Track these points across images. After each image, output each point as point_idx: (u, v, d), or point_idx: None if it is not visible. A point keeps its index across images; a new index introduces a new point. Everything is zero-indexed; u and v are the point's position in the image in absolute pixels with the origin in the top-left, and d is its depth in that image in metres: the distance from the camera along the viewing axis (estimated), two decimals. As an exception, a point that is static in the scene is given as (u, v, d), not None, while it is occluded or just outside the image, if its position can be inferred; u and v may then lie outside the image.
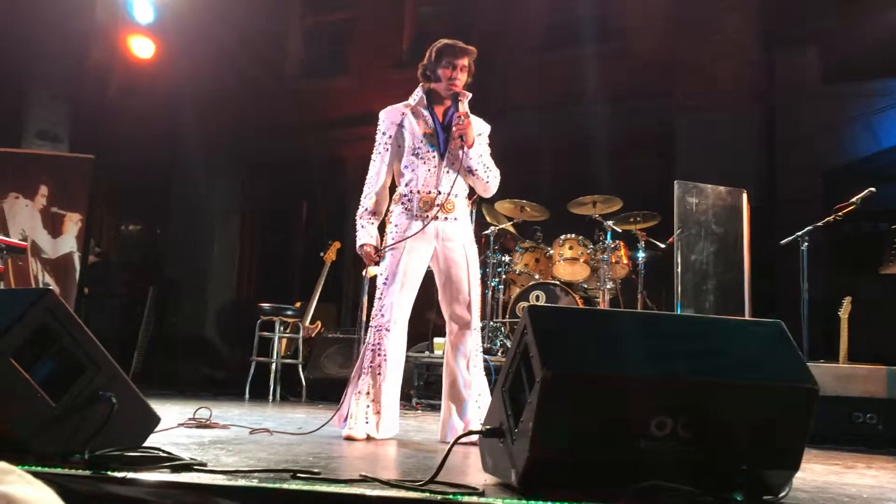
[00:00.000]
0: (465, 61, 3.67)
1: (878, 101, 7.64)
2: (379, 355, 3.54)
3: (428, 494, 1.89)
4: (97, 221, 9.84)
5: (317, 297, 7.55)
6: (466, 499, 1.88)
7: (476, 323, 3.65)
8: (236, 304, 10.30)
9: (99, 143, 8.79)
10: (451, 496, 1.88)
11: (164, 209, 10.56)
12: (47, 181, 7.91)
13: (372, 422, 3.50)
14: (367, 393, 3.53)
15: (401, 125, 3.69)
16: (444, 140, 3.67)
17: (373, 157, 3.76)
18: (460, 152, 3.63)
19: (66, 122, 8.99)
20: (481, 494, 1.94)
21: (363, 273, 5.96)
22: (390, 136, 3.71)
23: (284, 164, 10.24)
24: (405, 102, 3.76)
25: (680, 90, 8.07)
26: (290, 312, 7.20)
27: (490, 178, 3.71)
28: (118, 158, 9.37)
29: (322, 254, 7.62)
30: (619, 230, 6.64)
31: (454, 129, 3.62)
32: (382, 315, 3.55)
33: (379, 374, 3.53)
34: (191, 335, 9.96)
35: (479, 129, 3.76)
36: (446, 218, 3.64)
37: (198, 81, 9.47)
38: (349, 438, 3.44)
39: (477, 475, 2.34)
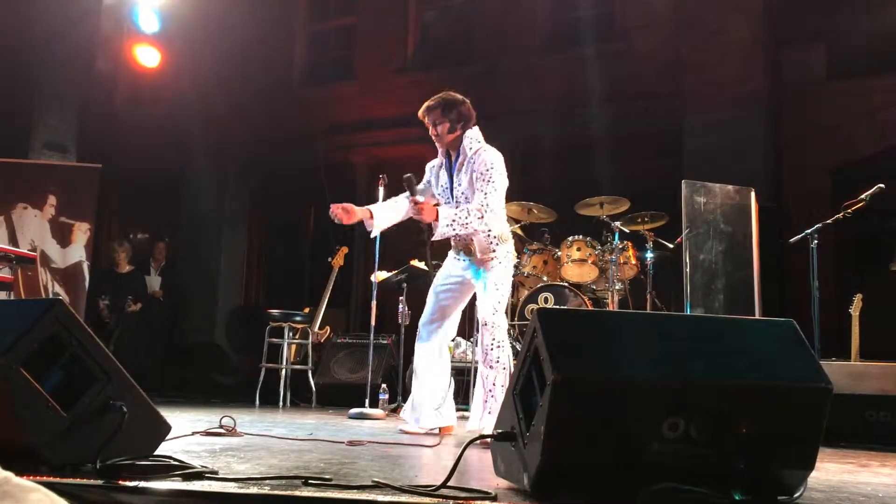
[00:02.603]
0: (428, 119, 3.97)
1: (885, 97, 7.60)
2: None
3: (440, 500, 1.89)
4: (105, 231, 9.86)
5: (325, 303, 7.55)
6: (478, 503, 1.87)
7: (486, 319, 3.85)
8: (245, 311, 10.30)
9: (106, 152, 8.81)
10: (462, 501, 1.87)
11: (172, 217, 10.58)
12: (55, 191, 7.95)
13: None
14: None
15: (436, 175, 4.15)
16: (450, 188, 4.02)
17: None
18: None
19: (74, 132, 9.01)
20: (494, 499, 1.93)
21: (372, 278, 5.96)
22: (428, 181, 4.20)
23: (291, 169, 10.24)
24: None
25: (686, 90, 8.04)
26: (298, 318, 7.20)
27: (469, 229, 3.82)
28: (126, 167, 9.38)
29: (330, 259, 7.62)
30: (627, 231, 6.61)
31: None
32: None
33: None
34: (200, 342, 9.96)
35: (489, 163, 3.85)
36: (467, 257, 4.00)
37: (203, 89, 9.50)
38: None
39: (489, 479, 2.33)
